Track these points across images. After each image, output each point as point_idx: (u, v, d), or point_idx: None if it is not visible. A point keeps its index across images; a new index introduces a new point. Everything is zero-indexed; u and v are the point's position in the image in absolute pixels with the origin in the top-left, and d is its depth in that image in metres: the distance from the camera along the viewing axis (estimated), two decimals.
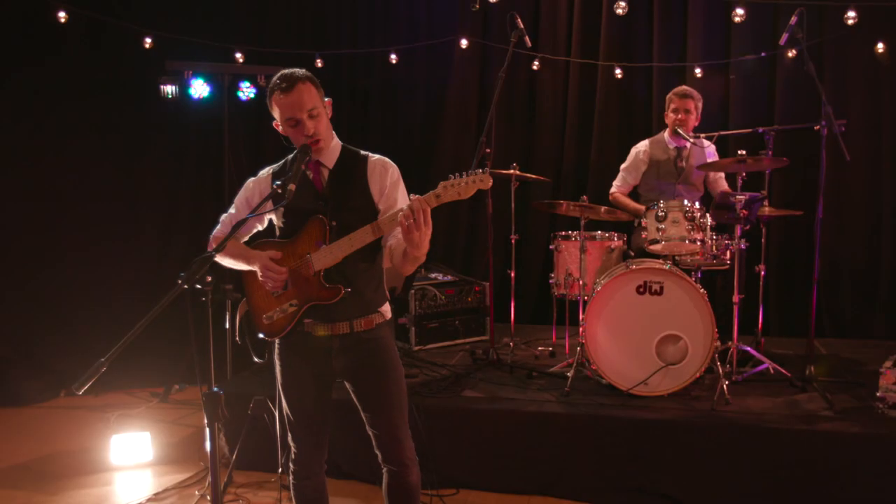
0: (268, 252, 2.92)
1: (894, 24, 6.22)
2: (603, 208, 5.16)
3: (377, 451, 3.08)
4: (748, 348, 5.05)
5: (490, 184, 2.71)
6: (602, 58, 6.89)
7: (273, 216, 3.04)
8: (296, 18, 7.33)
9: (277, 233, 3.04)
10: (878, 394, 4.25)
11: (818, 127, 4.87)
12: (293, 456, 3.09)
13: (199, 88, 6.23)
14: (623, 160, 5.77)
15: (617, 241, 5.33)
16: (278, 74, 2.89)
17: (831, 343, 6.16)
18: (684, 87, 5.51)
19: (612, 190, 5.73)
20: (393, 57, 7.04)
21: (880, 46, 6.27)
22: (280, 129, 2.95)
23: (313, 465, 3.10)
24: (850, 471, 3.92)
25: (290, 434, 3.08)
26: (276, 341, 3.04)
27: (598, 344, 4.60)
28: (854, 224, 6.53)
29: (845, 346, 6.07)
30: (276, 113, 2.90)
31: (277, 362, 3.05)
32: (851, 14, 5.90)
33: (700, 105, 5.50)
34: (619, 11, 6.11)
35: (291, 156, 3.03)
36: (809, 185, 5.67)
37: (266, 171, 3.08)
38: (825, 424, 4.11)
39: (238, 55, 6.71)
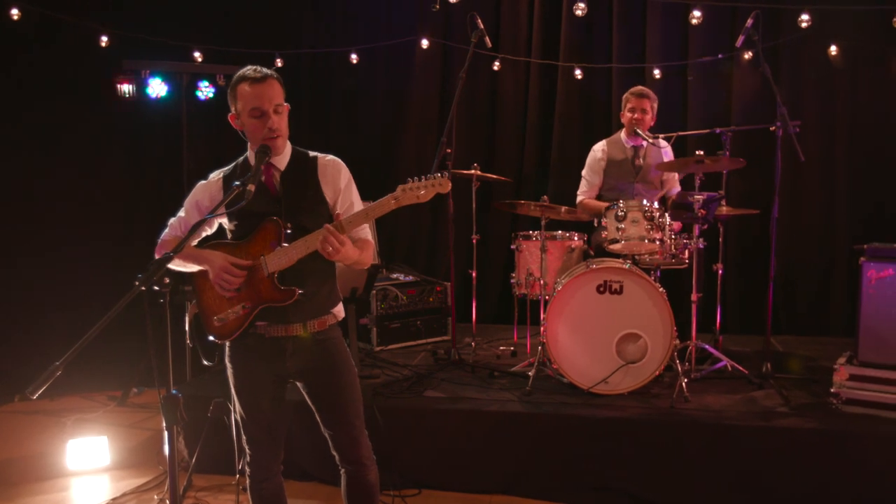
0: (221, 253, 2.89)
1: (846, 28, 6.34)
2: (563, 208, 5.19)
3: (334, 452, 3.07)
4: (707, 346, 5.10)
5: (448, 188, 2.75)
6: (562, 59, 6.94)
7: (224, 219, 3.00)
8: (255, 18, 7.27)
9: (229, 235, 3.01)
10: (832, 389, 4.33)
11: (774, 128, 4.96)
12: (248, 459, 3.05)
13: (157, 88, 6.16)
14: (583, 160, 5.80)
15: (577, 241, 5.37)
16: (247, 67, 2.88)
17: (788, 340, 6.26)
18: (641, 87, 5.56)
19: (580, 198, 5.74)
20: (354, 57, 7.01)
21: (833, 49, 6.40)
22: (237, 122, 2.93)
23: (271, 467, 3.07)
24: (806, 465, 3.99)
25: (244, 437, 3.04)
26: (227, 344, 3.00)
27: (559, 343, 4.62)
28: (809, 223, 6.65)
29: (801, 343, 6.18)
30: (239, 103, 2.87)
31: (229, 365, 3.01)
32: (805, 17, 6.02)
33: (656, 105, 5.55)
34: (579, 13, 6.15)
35: (241, 158, 3.02)
36: (766, 185, 5.76)
37: (216, 175, 3.04)
38: (781, 420, 4.18)
39: (197, 54, 6.63)
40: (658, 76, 6.70)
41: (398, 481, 4.23)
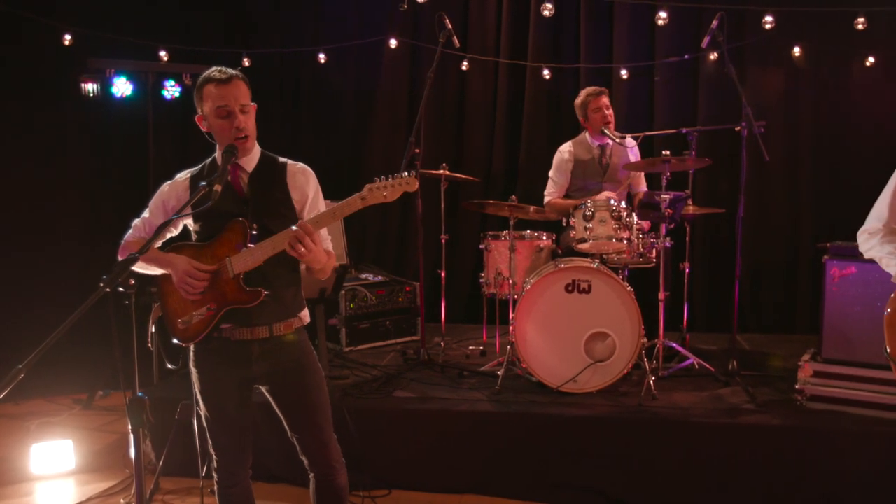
0: (185, 255, 2.86)
1: (810, 29, 6.43)
2: (532, 208, 5.20)
3: (303, 458, 3.05)
4: (674, 344, 5.15)
5: (416, 187, 2.76)
6: (530, 59, 6.95)
7: (189, 220, 2.97)
8: (222, 17, 7.21)
9: (194, 237, 2.98)
10: (796, 386, 4.39)
11: (739, 128, 5.01)
12: (216, 465, 3.01)
13: (122, 87, 6.09)
14: (552, 160, 5.82)
15: (546, 241, 5.39)
16: (213, 68, 2.87)
17: (754, 338, 6.32)
18: (591, 88, 5.57)
19: (547, 198, 5.76)
20: (322, 56, 6.98)
21: (797, 50, 6.47)
22: (204, 123, 2.91)
23: (239, 471, 3.04)
24: (772, 461, 4.04)
25: (210, 442, 3.00)
26: (192, 348, 2.96)
27: (528, 342, 4.64)
28: (774, 222, 6.73)
29: (767, 340, 6.25)
30: (206, 104, 2.86)
31: (194, 370, 2.98)
32: (769, 18, 6.08)
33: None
34: (546, 13, 6.16)
35: (210, 159, 3.00)
36: (732, 185, 5.82)
37: (183, 175, 3.02)
38: (747, 417, 4.23)
39: (162, 53, 6.56)
40: (625, 76, 6.74)
41: (368, 482, 4.22)
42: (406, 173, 2.75)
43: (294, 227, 2.71)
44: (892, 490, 3.89)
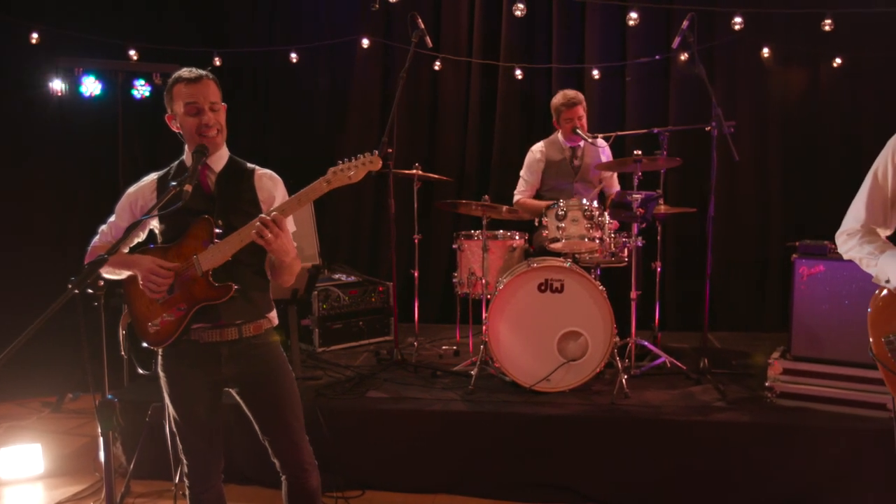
0: (149, 256, 2.83)
1: (778, 31, 6.50)
2: (504, 208, 5.21)
3: (275, 460, 3.03)
4: (646, 343, 5.19)
5: (379, 165, 2.76)
6: (503, 59, 6.97)
7: (154, 221, 2.95)
8: (193, 15, 7.15)
9: (160, 239, 2.95)
10: (766, 384, 4.44)
11: (709, 128, 5.05)
12: (187, 468, 2.98)
13: (91, 86, 6.03)
14: (524, 159, 5.84)
15: (519, 240, 5.40)
16: (183, 69, 2.88)
17: (725, 336, 6.39)
18: (569, 96, 5.50)
19: (517, 197, 5.77)
20: (294, 56, 6.95)
21: (765, 51, 6.54)
22: (174, 123, 2.90)
23: (211, 475, 3.01)
24: (743, 458, 4.09)
25: (181, 446, 2.97)
26: (160, 352, 2.93)
27: (501, 342, 4.65)
28: (744, 221, 6.80)
29: (738, 338, 6.31)
30: (176, 103, 2.85)
31: (163, 374, 2.94)
32: (738, 20, 6.13)
33: (585, 104, 5.58)
34: (518, 13, 6.18)
35: (178, 161, 2.98)
36: (702, 184, 5.87)
37: (149, 178, 2.99)
38: (718, 415, 4.27)
39: (132, 52, 6.50)
40: (597, 77, 6.77)
41: (341, 483, 4.21)
42: (368, 153, 2.75)
43: (265, 214, 2.69)
44: (860, 485, 3.94)
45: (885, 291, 2.51)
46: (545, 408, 4.40)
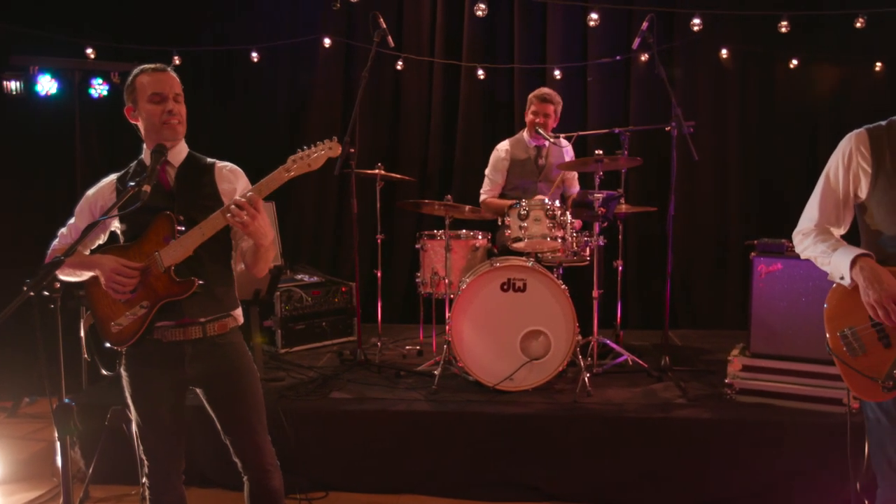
0: (112, 256, 2.79)
1: (736, 32, 6.59)
2: (467, 207, 5.22)
3: (236, 460, 3.00)
4: (608, 341, 5.23)
5: (339, 151, 2.78)
6: (465, 59, 6.98)
7: (115, 223, 2.91)
8: (151, 13, 7.05)
9: (121, 238, 2.92)
10: (726, 380, 4.50)
11: (669, 128, 5.11)
12: (147, 470, 2.94)
13: (47, 85, 5.91)
14: (487, 159, 5.86)
15: (481, 240, 5.41)
16: (144, 64, 2.87)
17: (685, 334, 6.46)
18: (545, 92, 5.60)
19: (483, 197, 5.80)
20: (254, 55, 6.89)
21: (724, 52, 6.63)
22: (133, 115, 2.87)
23: (171, 477, 2.96)
24: (704, 454, 4.14)
25: (141, 447, 2.93)
26: (123, 352, 2.90)
27: (464, 341, 4.66)
28: (704, 220, 6.88)
29: (698, 336, 6.38)
30: (137, 93, 2.82)
31: (125, 374, 2.90)
32: (697, 21, 6.20)
33: (559, 108, 5.64)
34: (479, 13, 6.19)
35: (136, 162, 2.95)
36: (663, 184, 5.94)
37: (108, 179, 2.95)
38: (679, 412, 4.32)
39: (89, 51, 6.40)
40: (559, 77, 6.80)
41: (305, 484, 4.19)
42: (328, 139, 2.75)
43: (233, 201, 2.66)
44: (818, 478, 4.01)
45: (840, 288, 2.56)
46: (508, 407, 4.41)
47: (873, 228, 2.54)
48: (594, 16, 6.27)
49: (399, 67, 6.99)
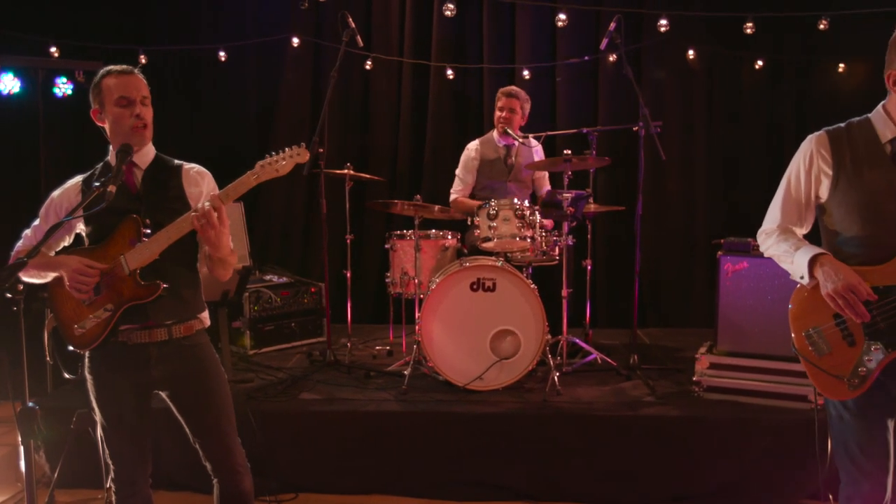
0: (76, 256, 2.76)
1: (702, 33, 6.66)
2: (437, 207, 5.22)
3: (206, 463, 2.97)
4: (577, 340, 5.26)
5: (307, 157, 2.77)
6: (434, 58, 6.98)
7: (81, 224, 2.88)
8: (117, 12, 6.97)
9: (86, 241, 2.88)
10: (694, 378, 4.54)
11: (637, 128, 5.15)
12: (114, 474, 2.90)
13: (10, 83, 5.83)
14: (456, 159, 5.86)
15: (451, 240, 5.41)
16: (110, 65, 2.83)
17: (654, 332, 6.52)
18: (512, 87, 5.65)
19: (453, 196, 5.80)
20: (222, 54, 6.84)
21: (691, 53, 6.69)
22: (100, 117, 2.84)
23: (137, 480, 2.93)
24: (672, 450, 4.17)
25: (108, 451, 2.89)
26: (87, 355, 2.87)
27: (434, 341, 4.66)
28: (672, 219, 6.94)
29: (666, 334, 6.45)
30: (104, 96, 2.80)
31: (89, 377, 2.87)
32: (664, 22, 6.25)
33: (527, 106, 5.66)
34: (448, 13, 6.20)
35: (102, 163, 2.92)
36: (631, 183, 5.98)
37: (74, 181, 2.92)
38: (648, 409, 4.36)
39: (53, 49, 6.32)
40: (527, 77, 6.82)
41: (274, 486, 4.17)
42: (296, 146, 2.75)
43: (201, 205, 2.65)
44: (784, 473, 4.06)
45: (804, 288, 2.59)
46: (479, 406, 4.42)
47: (832, 229, 2.59)
48: (562, 16, 6.31)
49: (368, 67, 6.97)
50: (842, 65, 6.62)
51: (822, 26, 6.18)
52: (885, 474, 2.54)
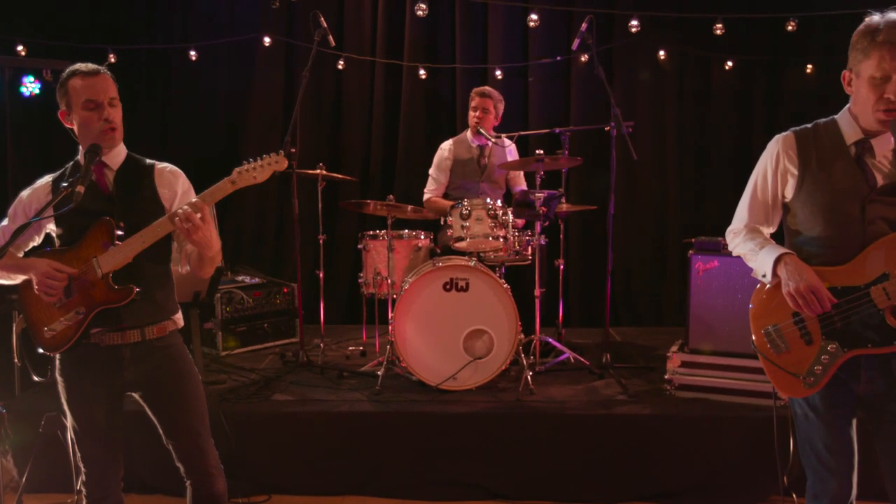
0: (46, 259, 2.72)
1: (673, 34, 6.71)
2: (410, 207, 5.21)
3: (179, 465, 2.95)
4: (550, 340, 5.28)
5: (285, 165, 2.75)
6: (406, 58, 6.97)
7: (51, 224, 2.84)
8: (86, 10, 6.90)
9: (56, 242, 2.85)
10: (666, 376, 4.57)
11: (608, 128, 5.17)
12: (85, 478, 2.87)
13: None
14: (429, 159, 5.86)
15: (424, 240, 5.41)
16: (76, 64, 2.79)
17: (626, 331, 6.55)
18: (486, 87, 5.67)
19: (427, 196, 5.80)
20: (193, 53, 6.78)
21: (662, 53, 6.74)
22: (68, 119, 2.80)
23: (109, 484, 2.90)
24: (645, 448, 4.20)
25: (79, 454, 2.86)
26: (57, 357, 2.83)
27: (408, 341, 4.65)
28: (643, 218, 6.99)
29: (639, 333, 6.48)
30: (72, 98, 2.75)
31: (60, 379, 2.84)
32: (635, 23, 6.29)
33: (501, 106, 5.68)
34: (420, 13, 6.19)
35: (72, 162, 2.88)
36: (603, 183, 6.00)
37: (44, 181, 2.88)
38: (621, 408, 4.38)
39: (20, 48, 6.23)
40: (500, 77, 6.84)
41: (247, 488, 4.14)
42: (274, 153, 2.73)
43: (181, 210, 2.62)
44: (755, 469, 4.10)
45: (765, 286, 2.62)
46: (452, 406, 4.42)
47: (794, 229, 2.61)
48: (534, 17, 6.32)
49: (340, 67, 6.96)
50: (810, 66, 6.70)
51: (789, 27, 6.25)
52: (851, 471, 2.58)
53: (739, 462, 4.13)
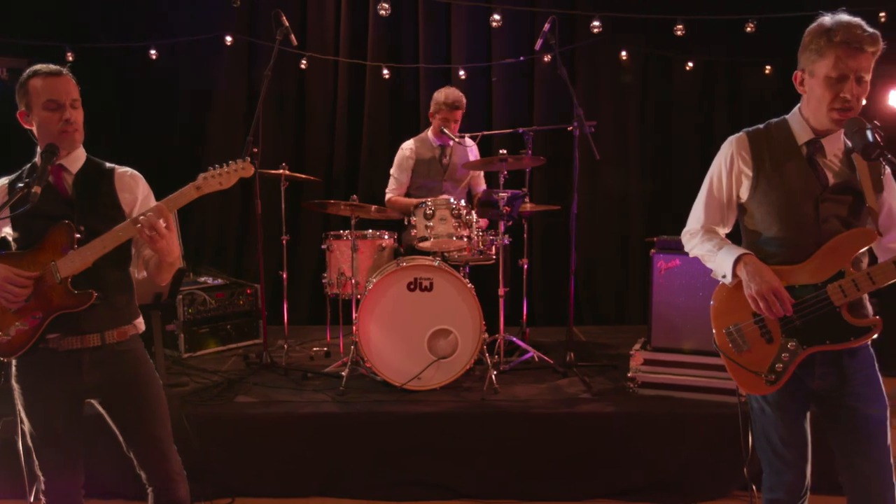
0: (3, 265, 2.67)
1: (635, 35, 6.77)
2: (373, 207, 5.20)
3: (141, 472, 2.92)
4: (514, 339, 5.30)
5: (251, 172, 2.75)
6: (370, 58, 6.95)
7: (7, 227, 2.79)
8: (43, 7, 6.77)
9: (13, 246, 2.79)
10: (629, 374, 4.61)
11: (571, 128, 5.20)
12: (44, 486, 2.82)
13: None
14: (392, 159, 5.85)
15: (388, 240, 5.40)
16: (37, 64, 2.75)
17: (590, 330, 6.60)
18: (455, 98, 5.51)
19: (388, 196, 5.79)
20: (153, 52, 6.70)
21: (624, 54, 6.79)
22: (27, 119, 2.76)
23: (70, 492, 2.86)
24: (609, 446, 4.24)
25: (37, 462, 2.82)
26: (13, 363, 2.78)
27: (372, 341, 4.65)
28: (606, 218, 7.04)
29: (602, 332, 6.53)
30: (32, 98, 2.71)
31: (16, 385, 2.79)
32: (597, 23, 6.33)
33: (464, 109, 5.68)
34: (383, 13, 6.18)
35: (29, 164, 2.83)
36: (566, 182, 6.04)
37: (0, 182, 2.84)
38: (584, 406, 4.42)
39: None
40: (463, 77, 6.84)
41: (210, 492, 4.10)
42: (241, 159, 2.73)
43: (144, 215, 2.60)
44: (718, 466, 4.15)
45: (725, 286, 2.66)
46: (417, 406, 4.42)
47: (752, 229, 2.65)
48: (496, 17, 6.34)
49: (303, 66, 6.91)
50: (768, 66, 6.79)
51: (749, 29, 6.33)
52: (805, 463, 2.64)
53: (702, 458, 4.19)
